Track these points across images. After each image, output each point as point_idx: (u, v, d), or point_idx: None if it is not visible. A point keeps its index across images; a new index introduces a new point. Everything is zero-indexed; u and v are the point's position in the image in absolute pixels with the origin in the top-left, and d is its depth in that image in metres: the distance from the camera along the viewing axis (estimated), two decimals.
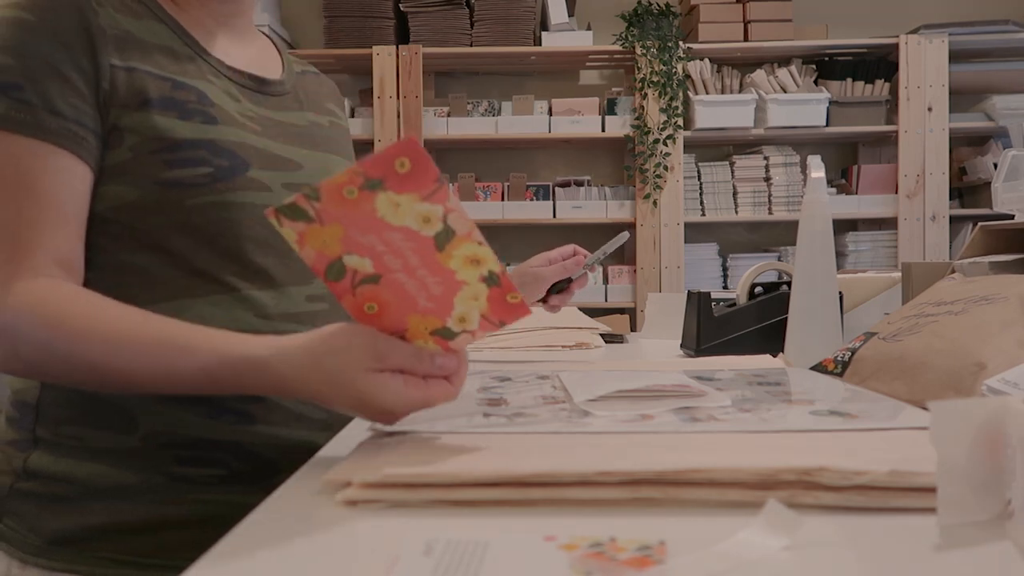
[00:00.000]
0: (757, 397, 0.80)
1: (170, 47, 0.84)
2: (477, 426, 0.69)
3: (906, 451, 0.58)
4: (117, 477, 0.79)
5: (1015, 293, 0.86)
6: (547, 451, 0.59)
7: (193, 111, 0.81)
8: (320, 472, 0.59)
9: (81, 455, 0.79)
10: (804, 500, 0.49)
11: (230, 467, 0.81)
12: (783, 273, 1.41)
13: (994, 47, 3.43)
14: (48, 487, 0.80)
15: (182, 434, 0.79)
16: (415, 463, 0.56)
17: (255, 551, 0.45)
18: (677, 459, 0.53)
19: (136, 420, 0.79)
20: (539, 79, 3.68)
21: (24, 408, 0.82)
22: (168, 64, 0.83)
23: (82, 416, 0.80)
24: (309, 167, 0.91)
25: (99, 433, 0.80)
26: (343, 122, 1.06)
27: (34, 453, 0.81)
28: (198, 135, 0.80)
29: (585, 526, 0.47)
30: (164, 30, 0.85)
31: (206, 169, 0.80)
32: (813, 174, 1.15)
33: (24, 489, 0.80)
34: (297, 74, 1.00)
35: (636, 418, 0.70)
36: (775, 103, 3.32)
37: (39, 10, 0.78)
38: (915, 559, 0.43)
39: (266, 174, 0.85)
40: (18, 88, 0.76)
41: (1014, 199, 1.30)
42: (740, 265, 3.43)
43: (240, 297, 0.82)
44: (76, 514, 0.79)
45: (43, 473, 0.80)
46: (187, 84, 0.83)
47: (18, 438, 0.82)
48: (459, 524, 0.48)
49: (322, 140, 0.96)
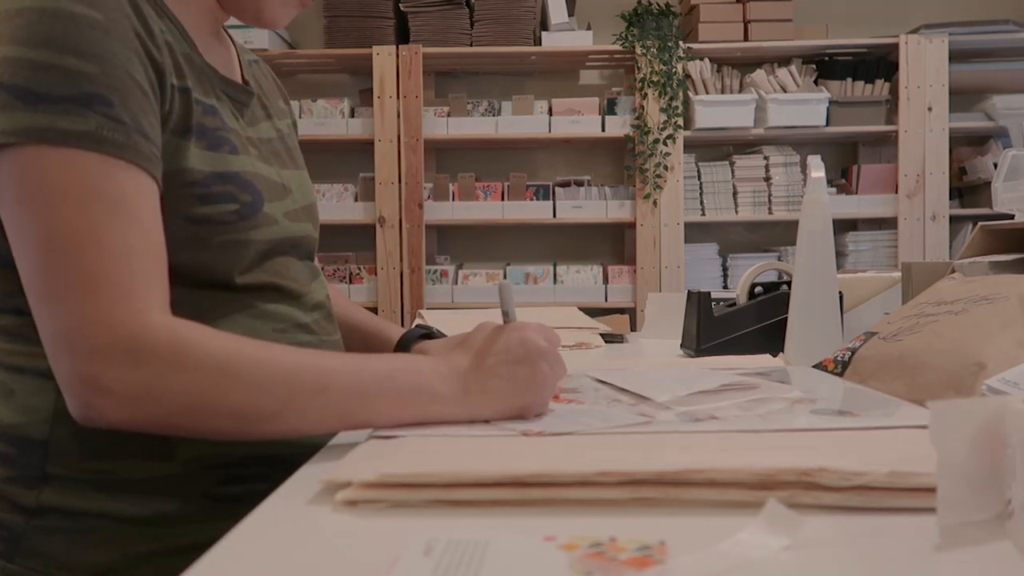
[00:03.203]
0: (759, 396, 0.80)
1: (190, 57, 0.76)
2: (477, 428, 0.69)
3: (906, 450, 0.58)
4: (156, 506, 0.73)
5: (1015, 293, 0.86)
6: (547, 451, 0.59)
7: (221, 140, 0.75)
8: (320, 472, 0.60)
9: (109, 488, 0.73)
10: (804, 500, 0.49)
11: (275, 480, 0.76)
12: (783, 273, 1.41)
13: (994, 47, 3.43)
14: (75, 522, 0.73)
15: (224, 454, 0.75)
16: (415, 463, 0.56)
17: (255, 551, 0.45)
18: (677, 459, 0.53)
19: (175, 447, 0.73)
20: (539, 79, 3.68)
21: (26, 445, 0.73)
22: (198, 82, 0.75)
23: (108, 450, 0.72)
24: (296, 190, 0.86)
25: (132, 464, 0.73)
26: (289, 118, 0.96)
27: (45, 490, 0.73)
28: (224, 167, 0.74)
29: (585, 526, 0.47)
30: (177, 35, 0.76)
31: (233, 206, 0.74)
32: (813, 174, 1.15)
33: (45, 526, 0.73)
34: (250, 70, 0.90)
35: (637, 419, 0.70)
36: (775, 103, 3.32)
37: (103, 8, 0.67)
38: (915, 559, 0.43)
39: (273, 206, 0.80)
40: (108, 104, 0.65)
41: (1014, 199, 1.30)
42: (740, 265, 3.43)
43: (256, 313, 0.79)
44: (116, 545, 0.73)
45: (64, 508, 0.73)
46: (209, 105, 0.76)
47: (19, 475, 0.74)
48: (459, 524, 0.48)
49: (294, 152, 0.91)
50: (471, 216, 3.43)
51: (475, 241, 3.64)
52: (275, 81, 0.98)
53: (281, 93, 0.98)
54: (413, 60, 3.33)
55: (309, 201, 0.90)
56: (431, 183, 3.45)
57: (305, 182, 0.91)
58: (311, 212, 0.90)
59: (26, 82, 0.64)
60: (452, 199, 3.44)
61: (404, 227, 3.35)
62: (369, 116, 3.37)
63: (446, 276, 3.42)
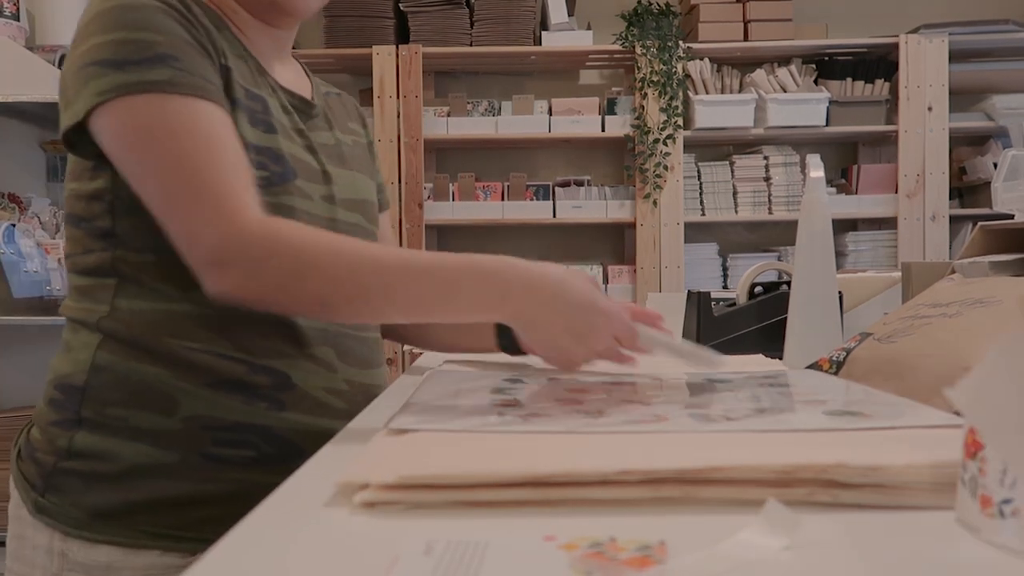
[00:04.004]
0: (769, 397, 0.80)
1: (243, 58, 0.93)
2: (491, 426, 0.68)
3: (920, 447, 0.58)
4: (159, 456, 0.84)
5: (1011, 296, 0.86)
6: (564, 451, 0.59)
7: (259, 119, 0.89)
8: (318, 472, 0.59)
9: (125, 435, 0.84)
10: (822, 498, 0.49)
11: (260, 449, 0.86)
12: (783, 273, 1.41)
13: (994, 47, 3.44)
14: (92, 465, 0.84)
15: (219, 417, 0.85)
16: (432, 464, 0.55)
17: (255, 550, 0.45)
18: (696, 457, 0.52)
19: (178, 403, 0.84)
20: (539, 79, 3.68)
21: (70, 391, 0.86)
22: (244, 72, 0.91)
23: (128, 398, 0.84)
24: (340, 183, 0.98)
25: (143, 414, 0.84)
26: (363, 138, 1.13)
27: (79, 433, 0.85)
28: (262, 142, 0.88)
29: (585, 526, 0.47)
30: (237, 44, 0.93)
31: (264, 173, 0.87)
32: (812, 174, 1.15)
33: (68, 468, 0.85)
34: (323, 95, 1.07)
35: (650, 418, 0.69)
36: (775, 103, 3.32)
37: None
38: (915, 558, 0.43)
39: (309, 185, 0.93)
40: (177, 59, 0.82)
41: (1014, 199, 1.30)
42: (740, 265, 3.43)
43: None
44: (119, 490, 0.84)
45: (88, 452, 0.84)
46: (256, 94, 0.91)
47: (62, 419, 0.86)
48: (459, 524, 0.48)
49: (349, 158, 1.03)
50: (471, 216, 3.43)
51: (475, 241, 3.64)
52: (357, 110, 1.17)
53: (360, 120, 1.16)
54: (413, 60, 3.33)
55: (359, 197, 1.02)
56: (431, 183, 3.45)
57: (357, 181, 1.03)
58: (362, 208, 1.02)
59: (113, 55, 0.81)
60: (452, 199, 3.44)
61: (404, 227, 3.35)
62: (369, 116, 3.36)
63: None
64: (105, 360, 0.86)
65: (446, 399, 0.78)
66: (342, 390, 0.92)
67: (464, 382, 0.88)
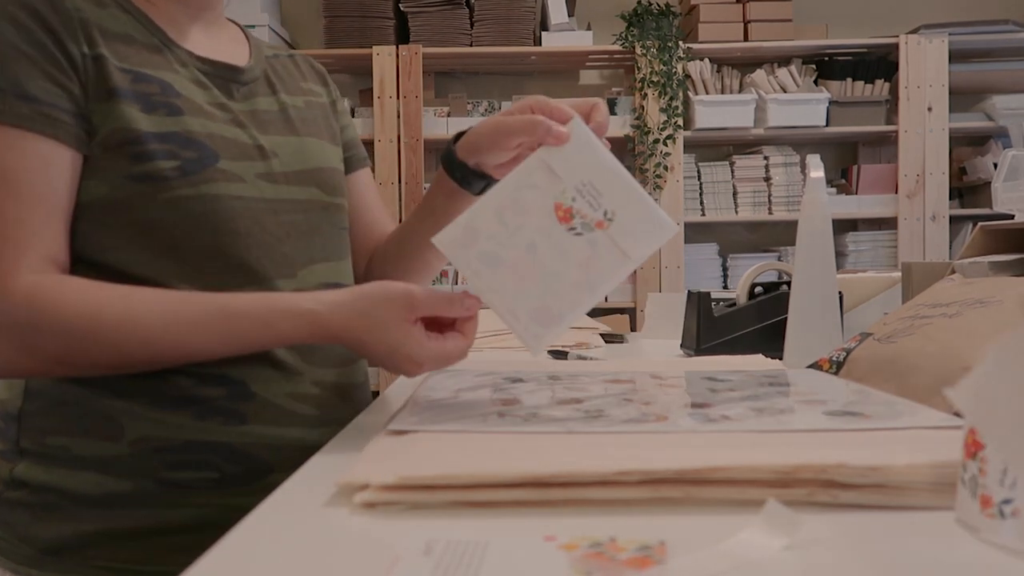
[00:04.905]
0: (769, 397, 0.80)
1: (132, 36, 0.82)
2: (491, 426, 0.68)
3: (920, 448, 0.58)
4: (108, 485, 0.77)
5: (1011, 296, 0.86)
6: (564, 451, 0.59)
7: (157, 103, 0.79)
8: (318, 472, 0.59)
9: (70, 464, 0.78)
10: (822, 499, 0.49)
11: (222, 469, 0.79)
12: (783, 273, 1.41)
13: (994, 47, 3.44)
14: (39, 497, 0.78)
15: (170, 438, 0.78)
16: (432, 464, 0.55)
17: (254, 552, 0.45)
18: (696, 457, 0.52)
19: (122, 427, 0.78)
20: (539, 79, 3.68)
21: (7, 419, 0.81)
22: (130, 55, 0.81)
23: (66, 426, 0.78)
24: (283, 154, 0.89)
25: (85, 441, 0.78)
26: (323, 98, 1.03)
27: (20, 464, 0.79)
28: (163, 128, 0.79)
29: (585, 526, 0.47)
30: (129, 20, 0.83)
31: (173, 163, 0.78)
32: (812, 174, 1.15)
33: (13, 499, 0.79)
34: (268, 58, 0.97)
35: (650, 418, 0.69)
36: (775, 103, 3.32)
37: None
38: (915, 558, 0.43)
39: (238, 165, 0.83)
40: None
41: (1014, 199, 1.30)
42: (740, 265, 3.43)
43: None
44: (69, 523, 0.77)
45: (32, 483, 0.79)
46: (150, 76, 0.81)
47: (2, 448, 0.81)
48: (459, 524, 0.48)
49: (299, 123, 0.94)
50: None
51: None
52: (314, 69, 1.06)
53: (320, 79, 1.05)
54: (413, 60, 3.33)
55: (311, 166, 0.92)
56: (431, 183, 3.45)
57: (307, 147, 0.93)
58: (317, 178, 0.92)
59: None
60: None
61: None
62: (369, 116, 3.37)
63: (446, 276, 3.42)
64: (38, 384, 0.80)
65: (446, 399, 0.78)
66: (310, 394, 0.84)
67: (464, 382, 0.88)
